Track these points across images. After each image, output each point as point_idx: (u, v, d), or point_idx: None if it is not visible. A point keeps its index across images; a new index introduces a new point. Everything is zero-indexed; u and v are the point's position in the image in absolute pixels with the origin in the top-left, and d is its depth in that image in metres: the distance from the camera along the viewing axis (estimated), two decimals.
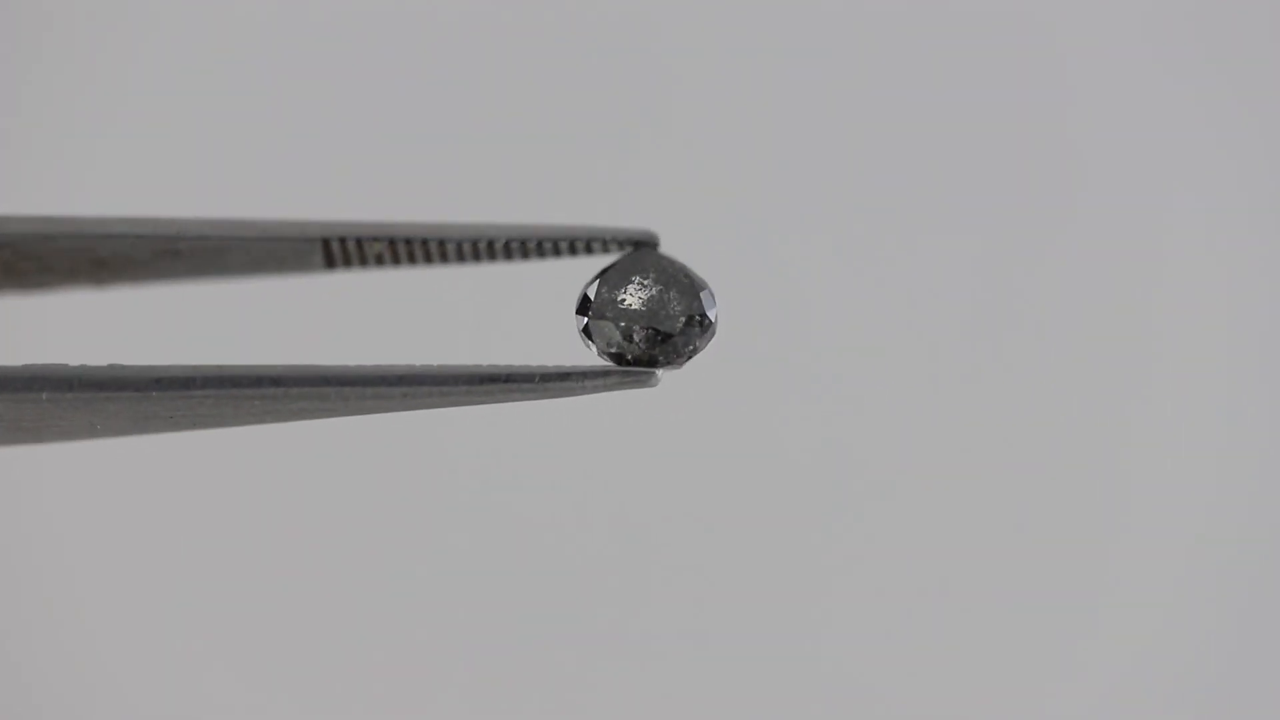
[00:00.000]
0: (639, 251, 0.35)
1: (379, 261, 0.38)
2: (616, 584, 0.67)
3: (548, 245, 0.38)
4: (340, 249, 0.37)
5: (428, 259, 0.38)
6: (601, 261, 0.36)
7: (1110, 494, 0.68)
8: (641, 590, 0.67)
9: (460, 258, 0.38)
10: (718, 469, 0.67)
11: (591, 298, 0.33)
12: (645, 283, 0.34)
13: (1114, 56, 0.68)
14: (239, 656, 0.66)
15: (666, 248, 0.36)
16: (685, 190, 0.66)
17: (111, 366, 0.31)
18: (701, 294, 0.34)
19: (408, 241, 0.37)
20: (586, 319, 0.33)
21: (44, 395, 0.31)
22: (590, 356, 0.34)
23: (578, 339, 0.34)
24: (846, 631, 0.67)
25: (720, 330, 0.34)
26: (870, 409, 0.67)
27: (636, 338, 0.33)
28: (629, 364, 0.33)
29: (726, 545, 0.67)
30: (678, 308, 0.33)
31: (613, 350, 0.33)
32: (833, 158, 0.68)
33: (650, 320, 0.33)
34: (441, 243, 0.37)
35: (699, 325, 0.33)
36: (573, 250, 0.38)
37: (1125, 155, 0.68)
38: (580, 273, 0.36)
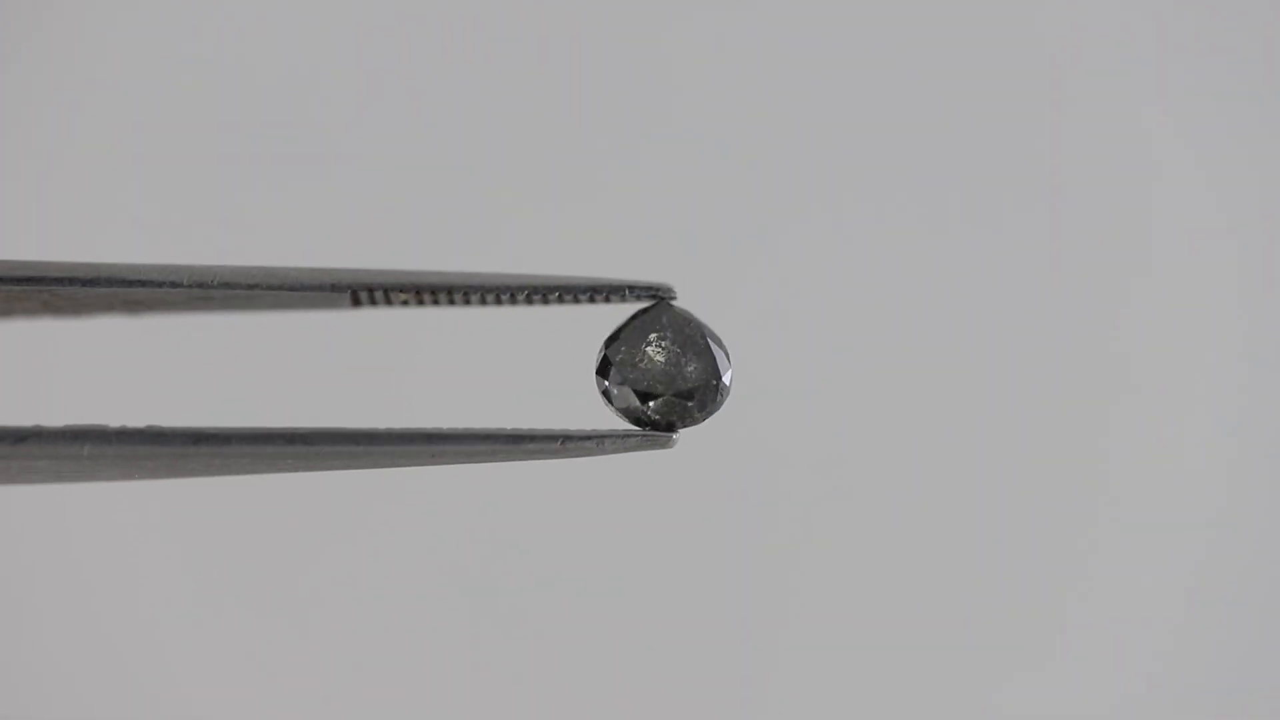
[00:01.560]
0: (655, 308, 0.36)
1: (405, 304, 0.39)
2: (613, 598, 0.67)
3: (567, 296, 0.39)
4: (368, 298, 0.38)
5: (451, 304, 0.39)
6: (621, 309, 0.37)
7: (1112, 495, 0.68)
8: (640, 604, 0.67)
9: (482, 304, 0.39)
10: (719, 483, 0.67)
11: (611, 360, 0.35)
12: (663, 346, 0.34)
13: (1115, 57, 0.68)
14: (245, 665, 0.66)
15: (688, 290, 0.37)
16: (689, 199, 0.67)
17: (150, 428, 0.32)
18: (717, 356, 0.35)
19: (432, 290, 0.38)
20: (606, 382, 0.35)
21: (85, 450, 0.32)
22: (609, 412, 0.35)
23: (593, 382, 0.35)
24: (848, 636, 0.67)
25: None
26: (873, 415, 0.68)
27: (654, 405, 0.34)
28: (647, 425, 0.34)
29: (729, 556, 0.67)
30: (694, 373, 0.34)
31: (631, 413, 0.34)
32: (836, 165, 0.68)
33: (669, 387, 0.34)
34: (466, 292, 0.38)
35: (714, 389, 0.34)
36: (592, 301, 0.39)
37: (1133, 156, 0.68)
38: (600, 317, 0.37)
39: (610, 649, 0.67)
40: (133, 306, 0.39)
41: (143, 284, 0.38)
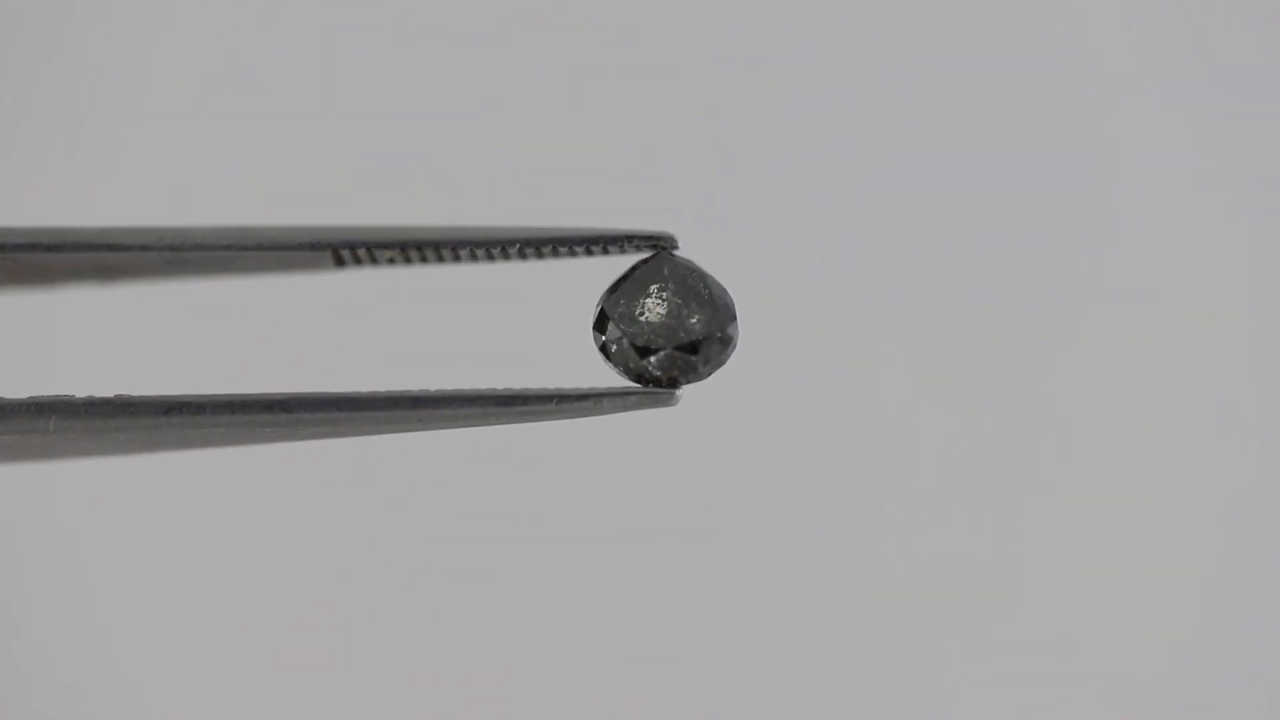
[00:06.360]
0: (656, 259, 0.34)
1: (390, 263, 0.37)
2: (624, 592, 0.66)
3: (563, 249, 0.37)
4: (351, 256, 0.36)
5: (440, 262, 0.37)
6: (620, 261, 0.35)
7: (1113, 497, 0.67)
8: (650, 599, 0.67)
9: (474, 261, 0.37)
10: (730, 473, 0.66)
11: (609, 314, 0.33)
12: (663, 296, 0.32)
13: (1126, 65, 0.67)
14: (247, 662, 0.66)
15: (684, 245, 0.35)
16: (702, 187, 0.66)
17: (119, 397, 0.30)
18: (722, 308, 0.33)
19: (419, 246, 0.36)
20: (604, 337, 0.33)
21: (50, 425, 0.30)
22: (609, 372, 0.33)
23: (593, 340, 0.33)
24: (853, 632, 0.67)
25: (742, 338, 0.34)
26: (876, 409, 0.67)
27: (655, 359, 0.32)
28: (648, 382, 0.32)
29: (736, 550, 0.67)
30: (697, 324, 0.32)
31: (631, 369, 0.32)
32: (848, 155, 0.67)
33: (669, 340, 0.32)
34: (455, 247, 0.36)
35: (719, 342, 0.32)
36: (589, 253, 0.37)
37: (1139, 159, 0.67)
38: (598, 272, 0.35)
39: (608, 643, 0.66)
40: (104, 274, 0.37)
41: (113, 248, 0.36)
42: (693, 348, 0.32)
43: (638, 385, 0.32)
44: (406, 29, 0.64)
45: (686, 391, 0.33)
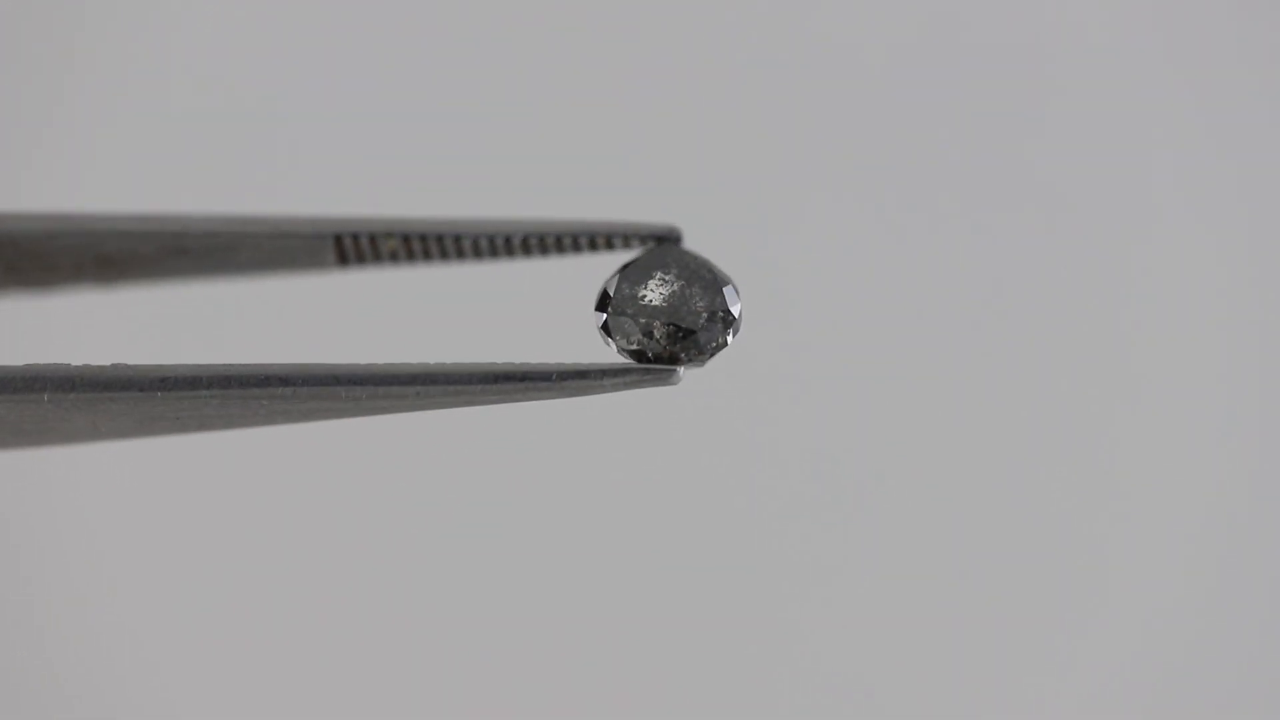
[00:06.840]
0: (661, 247, 0.34)
1: (393, 258, 0.37)
2: (626, 582, 0.66)
3: (567, 241, 0.37)
4: (353, 245, 0.36)
5: (443, 255, 0.37)
6: (623, 257, 0.35)
7: (1112, 496, 0.67)
8: (651, 589, 0.66)
9: (476, 254, 0.37)
10: (732, 464, 0.66)
11: (611, 294, 0.32)
12: (666, 278, 0.32)
13: (1108, 55, 0.67)
14: (249, 656, 0.65)
15: (689, 242, 0.35)
16: (702, 185, 0.66)
17: (115, 366, 0.30)
18: (725, 289, 0.32)
19: (422, 237, 0.36)
20: (606, 315, 0.32)
21: (45, 396, 0.30)
22: (610, 354, 0.33)
23: (597, 337, 0.33)
24: (850, 630, 0.66)
25: (743, 326, 0.33)
26: (875, 406, 0.67)
27: (657, 334, 0.32)
28: (650, 362, 0.32)
29: (734, 543, 0.67)
30: (700, 303, 0.32)
31: (633, 348, 0.32)
32: (847, 149, 0.67)
33: (671, 316, 0.32)
34: (457, 238, 0.36)
35: (721, 321, 0.32)
36: (593, 246, 0.37)
37: (1125, 153, 0.67)
38: (601, 269, 0.35)
39: (613, 636, 0.66)
40: (104, 266, 0.37)
41: (115, 234, 0.36)
42: (695, 327, 0.32)
43: (638, 364, 0.32)
44: (414, 25, 0.64)
45: (688, 372, 0.33)
